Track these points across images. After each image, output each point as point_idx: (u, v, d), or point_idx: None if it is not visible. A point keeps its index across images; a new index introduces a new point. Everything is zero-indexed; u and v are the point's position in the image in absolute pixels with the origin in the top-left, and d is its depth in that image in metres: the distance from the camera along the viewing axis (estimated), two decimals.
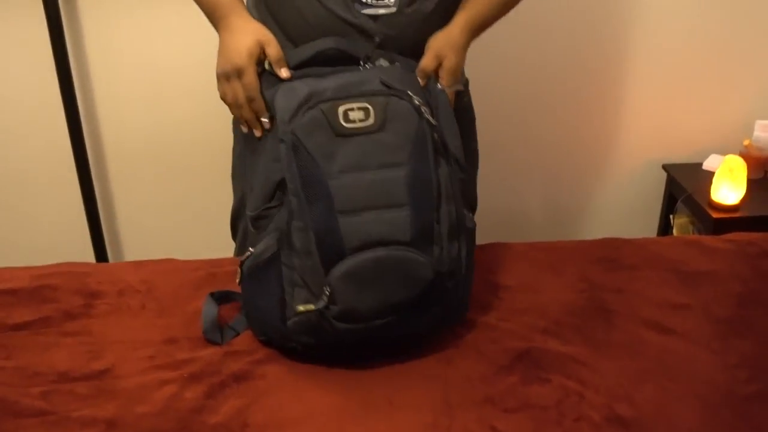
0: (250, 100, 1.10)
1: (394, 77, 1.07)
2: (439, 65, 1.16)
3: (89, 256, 2.03)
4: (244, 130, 1.13)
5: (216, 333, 1.14)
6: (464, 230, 1.12)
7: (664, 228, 2.19)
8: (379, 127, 1.04)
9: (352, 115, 1.03)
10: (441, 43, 1.16)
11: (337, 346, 1.07)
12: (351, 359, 1.08)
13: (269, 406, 1.01)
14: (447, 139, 1.11)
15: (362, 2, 1.12)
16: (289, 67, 1.11)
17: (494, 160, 2.00)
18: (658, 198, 2.22)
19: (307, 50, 1.13)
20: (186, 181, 2.05)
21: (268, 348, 1.12)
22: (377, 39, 1.14)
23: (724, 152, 2.08)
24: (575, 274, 1.35)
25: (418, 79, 1.14)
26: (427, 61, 1.15)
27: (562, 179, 2.21)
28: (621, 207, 2.26)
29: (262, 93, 1.10)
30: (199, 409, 1.00)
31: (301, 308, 1.03)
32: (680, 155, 2.17)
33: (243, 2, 1.17)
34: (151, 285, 1.28)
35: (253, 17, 1.25)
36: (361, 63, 1.12)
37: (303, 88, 1.05)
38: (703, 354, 1.13)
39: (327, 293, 1.01)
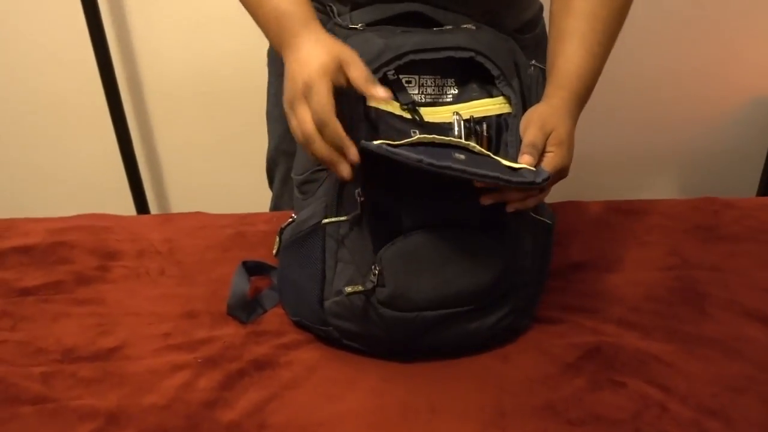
0: (321, 126, 0.81)
1: (480, 41, 0.91)
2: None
3: (127, 194, 1.95)
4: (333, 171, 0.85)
5: (241, 310, 1.02)
6: (540, 224, 0.96)
7: None
8: None
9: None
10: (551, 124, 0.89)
11: (379, 338, 0.93)
12: (392, 355, 0.95)
13: (292, 403, 0.89)
14: None
15: None
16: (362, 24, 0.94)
17: None
18: (765, 141, 1.95)
19: (387, 11, 0.96)
20: (227, 120, 1.92)
21: (299, 330, 1.00)
22: None
23: None
24: (663, 245, 1.16)
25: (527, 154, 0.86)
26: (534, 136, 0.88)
27: (650, 121, 1.95)
28: (720, 152, 2.00)
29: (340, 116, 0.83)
30: (212, 403, 0.88)
31: (349, 289, 0.89)
32: None
33: (317, 19, 0.91)
34: (174, 245, 1.17)
35: None
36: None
37: (378, 41, 0.89)
38: None
39: (375, 273, 0.87)
